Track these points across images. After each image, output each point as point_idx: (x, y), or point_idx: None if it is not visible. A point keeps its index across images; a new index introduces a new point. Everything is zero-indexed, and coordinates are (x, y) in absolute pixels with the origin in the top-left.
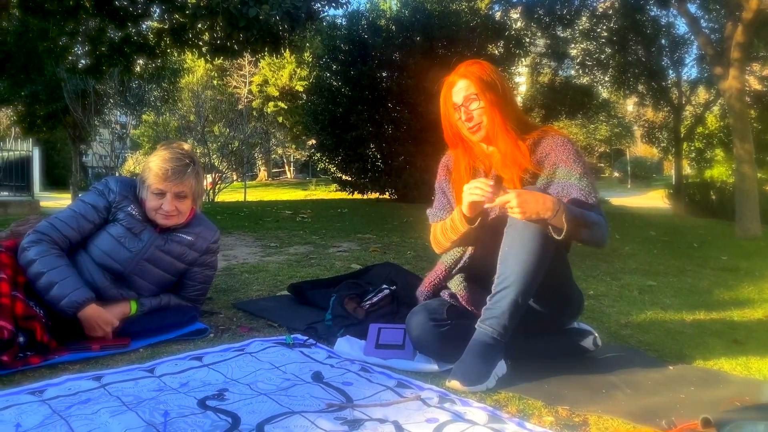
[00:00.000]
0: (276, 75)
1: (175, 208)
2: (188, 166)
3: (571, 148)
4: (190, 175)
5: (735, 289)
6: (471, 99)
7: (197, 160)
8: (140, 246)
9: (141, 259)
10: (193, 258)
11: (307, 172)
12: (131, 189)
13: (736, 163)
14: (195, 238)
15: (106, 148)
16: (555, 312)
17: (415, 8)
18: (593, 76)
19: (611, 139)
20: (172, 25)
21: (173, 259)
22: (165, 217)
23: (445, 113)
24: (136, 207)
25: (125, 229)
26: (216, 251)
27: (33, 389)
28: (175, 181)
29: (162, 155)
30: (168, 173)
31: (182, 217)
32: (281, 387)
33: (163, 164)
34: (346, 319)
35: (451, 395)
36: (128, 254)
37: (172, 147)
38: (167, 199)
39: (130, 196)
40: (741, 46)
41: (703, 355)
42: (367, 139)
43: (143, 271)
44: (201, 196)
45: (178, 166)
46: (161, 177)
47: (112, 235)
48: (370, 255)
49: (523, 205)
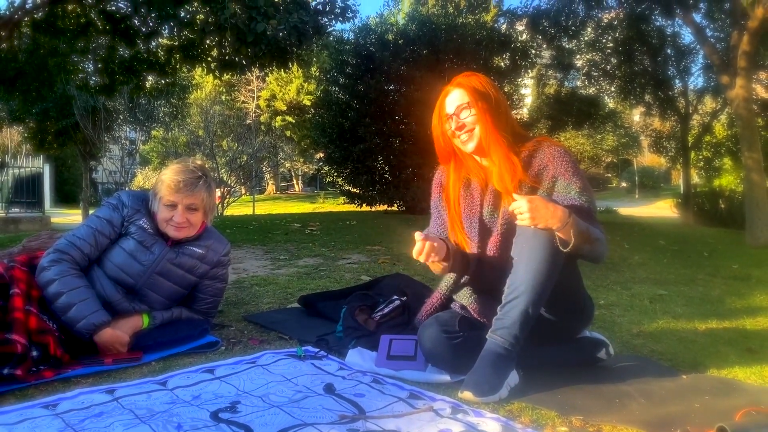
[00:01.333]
0: (284, 89)
1: (186, 219)
2: (200, 179)
3: (569, 159)
4: (201, 188)
5: (747, 297)
6: (463, 108)
7: (210, 174)
8: (152, 259)
9: (153, 273)
10: (204, 271)
11: (315, 185)
12: (143, 203)
13: (745, 172)
14: (206, 251)
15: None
16: (566, 320)
17: (422, 22)
18: (599, 87)
19: (618, 149)
20: (181, 41)
21: (184, 272)
22: (176, 229)
23: (437, 125)
24: (148, 220)
25: (137, 243)
26: (227, 264)
27: (46, 403)
28: (187, 192)
29: (174, 168)
30: (180, 185)
31: (193, 229)
32: (293, 399)
33: (175, 176)
34: (357, 331)
35: (464, 406)
36: (140, 268)
37: (185, 161)
38: (178, 211)
39: (142, 210)
40: (747, 54)
41: (717, 364)
42: (374, 152)
43: (155, 284)
44: (212, 210)
45: (189, 179)
46: (173, 189)
47: (124, 249)
48: (380, 266)
49: (534, 211)
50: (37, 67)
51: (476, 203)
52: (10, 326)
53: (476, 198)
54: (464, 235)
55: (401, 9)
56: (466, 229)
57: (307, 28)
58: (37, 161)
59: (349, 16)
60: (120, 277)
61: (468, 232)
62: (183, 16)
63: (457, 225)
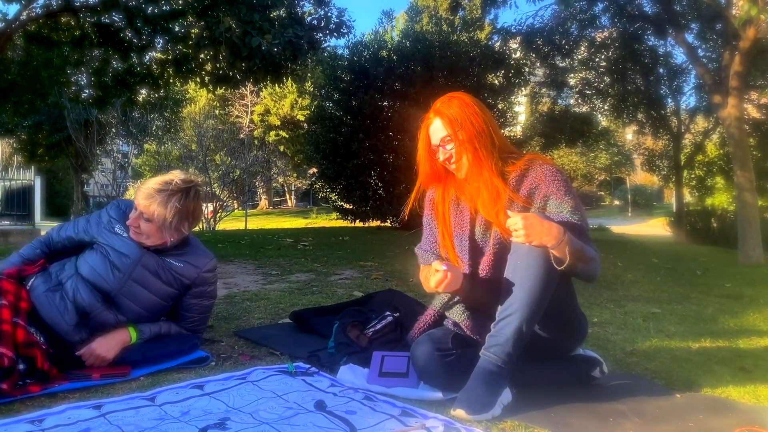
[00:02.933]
0: (278, 104)
1: (137, 224)
2: (161, 192)
3: (560, 178)
4: (155, 201)
5: (740, 316)
6: (446, 140)
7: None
8: (128, 263)
9: (129, 279)
10: (183, 284)
11: (308, 200)
12: (122, 211)
13: (737, 191)
14: (185, 265)
15: (108, 178)
16: (560, 337)
17: (416, 39)
18: (592, 105)
19: (611, 167)
20: (175, 55)
21: (161, 282)
22: (133, 232)
23: (423, 152)
24: (122, 227)
25: (113, 249)
26: (213, 281)
27: (32, 418)
28: (141, 200)
29: (159, 176)
30: (140, 190)
31: (147, 239)
32: (284, 416)
33: (149, 182)
34: (349, 347)
35: (456, 424)
36: (117, 273)
37: (174, 173)
38: (135, 214)
39: (119, 217)
40: (739, 74)
41: (711, 383)
42: (368, 168)
43: (131, 292)
44: (170, 229)
45: (151, 189)
46: (139, 191)
47: (101, 254)
48: (373, 282)
49: (529, 228)
50: (29, 78)
51: (466, 222)
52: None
53: (466, 216)
54: (455, 254)
55: (395, 26)
56: (456, 247)
57: (302, 43)
58: (28, 173)
59: (344, 32)
60: (96, 280)
61: (458, 251)
62: (177, 30)
63: (448, 243)
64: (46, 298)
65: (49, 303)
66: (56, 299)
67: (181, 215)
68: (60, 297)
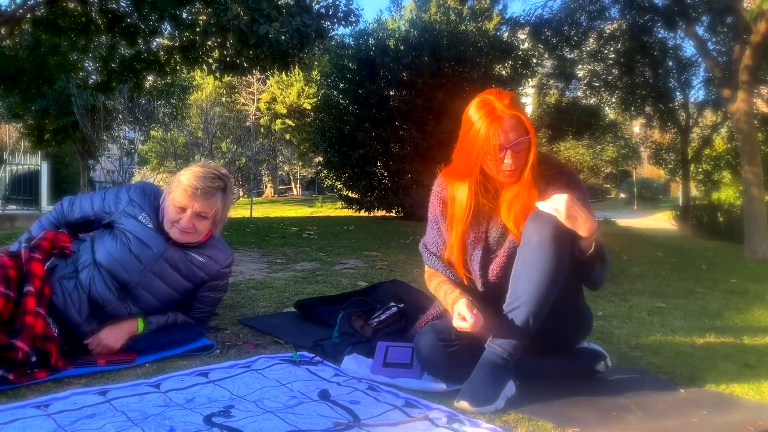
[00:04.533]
0: (284, 93)
1: (192, 225)
2: (219, 189)
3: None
4: (216, 198)
5: (745, 311)
6: (522, 143)
7: (230, 186)
8: (149, 256)
9: (149, 271)
10: (201, 279)
11: (314, 189)
12: (146, 198)
13: (744, 186)
14: (207, 260)
15: (114, 164)
16: (565, 331)
17: (424, 28)
18: (600, 97)
19: (618, 160)
20: (182, 42)
21: (181, 277)
22: (180, 233)
23: (473, 144)
24: (149, 216)
25: (135, 237)
26: (227, 276)
27: (38, 403)
28: (201, 200)
29: (196, 171)
30: (197, 192)
31: (198, 236)
32: (288, 405)
33: (195, 181)
34: (354, 337)
35: (460, 416)
36: (138, 264)
37: (210, 166)
38: (186, 216)
39: (144, 205)
40: (749, 68)
41: (715, 379)
42: (374, 157)
43: (150, 284)
44: (223, 221)
45: (208, 187)
46: (188, 193)
47: (122, 242)
48: (377, 272)
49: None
50: (37, 65)
51: (483, 230)
52: (17, 331)
53: (483, 225)
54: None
55: (403, 15)
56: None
57: (310, 31)
58: (35, 158)
59: (352, 20)
60: (115, 270)
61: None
62: (185, 17)
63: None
64: (59, 286)
65: (63, 292)
66: (70, 288)
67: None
68: (74, 286)
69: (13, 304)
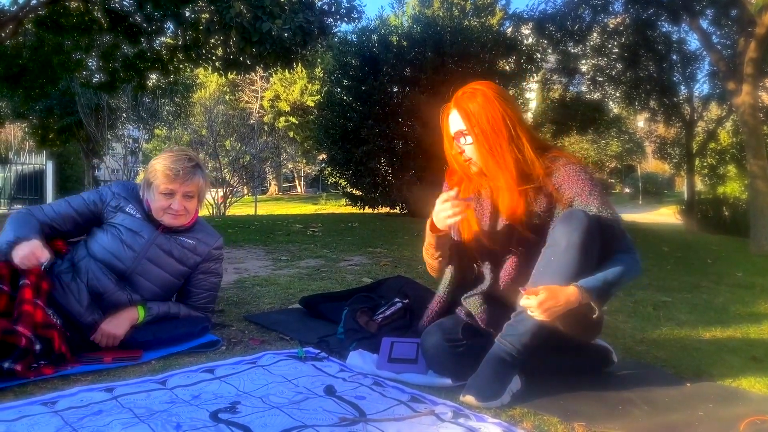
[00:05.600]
0: (287, 90)
1: (183, 207)
2: (196, 167)
3: (584, 177)
4: (198, 175)
5: (751, 305)
6: (461, 134)
7: (201, 161)
8: (142, 243)
9: (143, 258)
10: (195, 262)
11: (317, 186)
12: (130, 191)
13: (750, 179)
14: (196, 242)
15: (119, 162)
16: (575, 329)
17: (427, 24)
18: (604, 92)
19: (622, 154)
20: (185, 40)
21: (174, 260)
22: (173, 217)
23: (445, 140)
24: (135, 206)
25: (125, 228)
26: (219, 258)
27: (45, 400)
28: (185, 180)
29: (167, 156)
30: (179, 173)
31: (189, 216)
32: (294, 400)
33: (172, 165)
34: (359, 333)
35: (466, 410)
36: (131, 252)
37: (176, 150)
38: (176, 199)
39: (129, 197)
40: (754, 61)
41: (721, 372)
42: (377, 154)
43: (146, 270)
44: (203, 198)
45: (187, 167)
46: (171, 177)
47: (113, 234)
48: (382, 269)
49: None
50: (41, 64)
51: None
52: (17, 318)
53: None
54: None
55: (405, 11)
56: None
57: (313, 28)
58: (40, 158)
59: (355, 16)
60: (110, 261)
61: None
62: (188, 15)
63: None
64: (57, 280)
65: (61, 284)
66: (68, 280)
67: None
68: (72, 278)
69: (7, 297)
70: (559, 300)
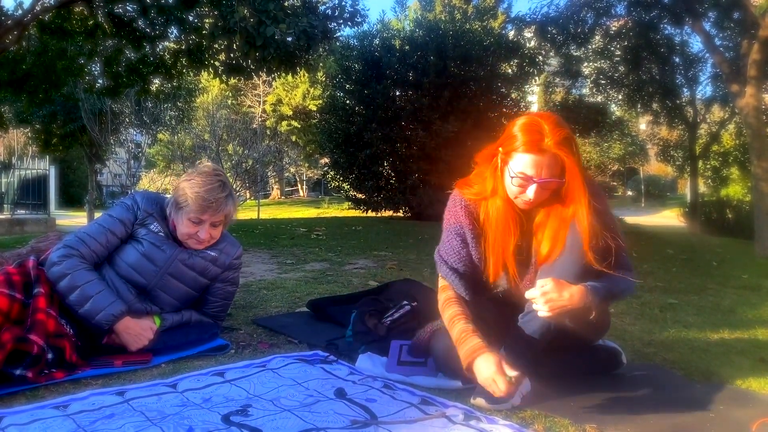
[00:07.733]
0: (290, 94)
1: (209, 235)
2: (228, 196)
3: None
4: (228, 205)
5: (758, 307)
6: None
7: (230, 184)
8: (164, 259)
9: (165, 273)
10: (216, 273)
11: (320, 190)
12: (156, 206)
13: (754, 182)
14: (218, 254)
15: (122, 167)
16: (582, 329)
17: (430, 28)
18: (607, 95)
19: (625, 157)
20: (188, 45)
21: (196, 274)
22: (198, 243)
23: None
24: (159, 224)
25: (149, 244)
26: (238, 267)
27: (57, 404)
28: (216, 211)
29: (200, 183)
30: (211, 205)
31: (213, 241)
32: (305, 403)
33: (206, 195)
34: (367, 336)
35: (477, 413)
36: (153, 268)
37: (209, 174)
38: (204, 228)
39: (155, 214)
40: (757, 63)
41: (730, 374)
42: (380, 158)
43: (167, 285)
44: (231, 221)
45: (219, 198)
46: (203, 208)
47: (136, 250)
48: (387, 272)
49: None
50: (45, 69)
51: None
52: (30, 327)
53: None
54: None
55: (407, 15)
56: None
57: (316, 32)
58: (42, 163)
59: (359, 20)
60: (132, 277)
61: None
62: (192, 20)
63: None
64: None
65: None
66: None
67: None
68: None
69: (20, 305)
70: (563, 294)
